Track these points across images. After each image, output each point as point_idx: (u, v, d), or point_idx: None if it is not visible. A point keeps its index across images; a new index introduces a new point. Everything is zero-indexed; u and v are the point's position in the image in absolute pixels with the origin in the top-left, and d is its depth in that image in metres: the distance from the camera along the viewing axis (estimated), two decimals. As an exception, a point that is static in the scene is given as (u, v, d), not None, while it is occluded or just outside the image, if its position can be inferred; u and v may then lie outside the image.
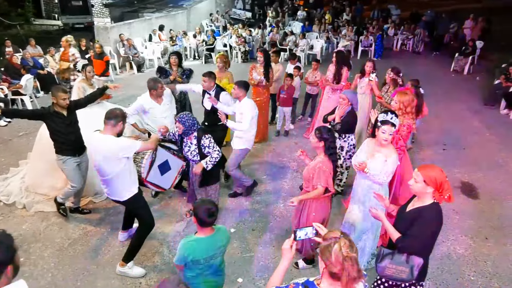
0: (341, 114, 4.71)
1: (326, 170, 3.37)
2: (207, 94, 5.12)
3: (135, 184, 3.66)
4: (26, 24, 19.16)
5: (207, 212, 2.61)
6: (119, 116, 3.48)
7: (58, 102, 4.06)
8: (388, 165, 3.35)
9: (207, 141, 3.93)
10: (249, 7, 21.44)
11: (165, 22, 14.69)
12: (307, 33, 14.26)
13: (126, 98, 9.54)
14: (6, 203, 4.91)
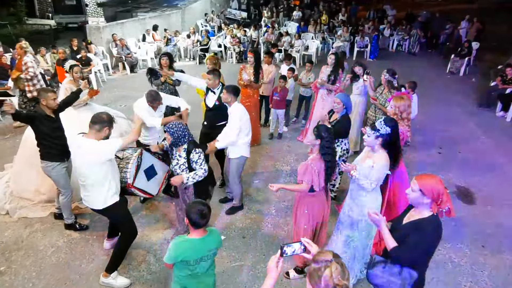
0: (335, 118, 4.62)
1: (314, 168, 3.29)
2: (211, 92, 5.02)
3: (115, 192, 3.50)
4: (19, 24, 18.91)
5: (199, 214, 2.54)
6: (105, 121, 3.34)
7: (48, 104, 3.89)
8: (373, 171, 3.25)
9: (196, 156, 3.60)
10: (245, 7, 21.31)
11: (159, 22, 14.52)
12: (303, 34, 14.14)
13: (118, 98, 9.40)
14: (-4, 211, 4.75)
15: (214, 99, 5.01)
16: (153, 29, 13.74)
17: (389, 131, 3.17)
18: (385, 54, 14.40)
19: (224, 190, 5.25)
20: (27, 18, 20.55)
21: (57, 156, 4.03)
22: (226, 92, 4.38)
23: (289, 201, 5.00)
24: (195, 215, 2.52)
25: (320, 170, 3.31)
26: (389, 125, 3.18)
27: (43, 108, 3.92)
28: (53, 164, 4.01)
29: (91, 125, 3.30)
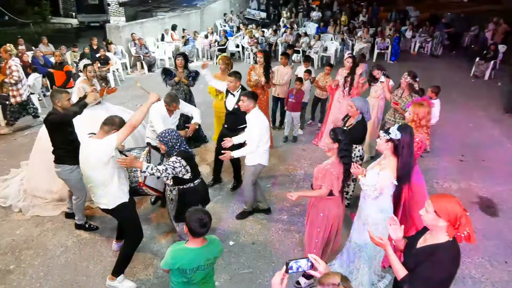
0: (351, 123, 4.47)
1: (334, 173, 3.20)
2: (230, 94, 4.97)
3: (124, 193, 3.47)
4: (43, 22, 19.37)
5: (199, 223, 2.44)
6: (115, 124, 3.32)
7: (63, 105, 3.83)
8: (378, 179, 3.11)
9: (173, 159, 3.32)
10: (264, 7, 21.19)
11: (178, 21, 14.59)
12: (322, 35, 13.93)
13: (134, 97, 9.46)
14: (2, 205, 4.80)
15: (234, 102, 4.94)
16: (172, 29, 13.81)
17: (399, 137, 3.01)
18: (406, 56, 14.03)
19: (235, 193, 5.17)
20: (51, 17, 21.05)
21: (75, 158, 3.87)
22: (247, 99, 4.17)
23: (302, 206, 4.87)
24: (194, 223, 2.43)
25: (339, 174, 3.23)
26: (401, 132, 3.03)
27: (58, 109, 3.86)
28: (72, 167, 3.95)
29: (102, 125, 3.32)
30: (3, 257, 3.97)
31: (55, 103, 3.84)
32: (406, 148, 3.03)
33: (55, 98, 3.84)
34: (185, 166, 3.36)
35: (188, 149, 3.52)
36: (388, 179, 3.07)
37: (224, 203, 4.98)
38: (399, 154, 3.07)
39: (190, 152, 3.52)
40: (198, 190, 3.60)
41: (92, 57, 10.43)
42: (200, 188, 3.66)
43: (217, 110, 6.27)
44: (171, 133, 3.43)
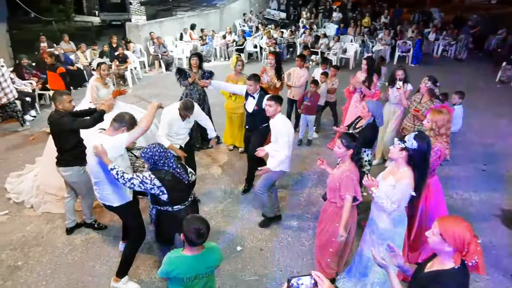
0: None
1: (354, 178, 3.11)
2: (250, 97, 4.99)
3: (129, 191, 3.44)
4: (67, 20, 19.79)
5: (196, 233, 2.36)
6: (124, 121, 3.30)
7: (64, 107, 3.76)
8: (395, 191, 2.96)
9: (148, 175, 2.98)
10: (284, 8, 21.02)
11: (197, 21, 14.62)
12: (342, 36, 13.70)
13: (151, 96, 9.49)
14: (15, 201, 4.85)
15: (253, 104, 4.95)
16: (190, 28, 13.85)
17: (415, 147, 2.86)
18: (428, 59, 13.64)
19: (245, 197, 5.09)
20: (75, 15, 21.48)
21: (83, 159, 3.84)
22: (274, 103, 4.03)
23: (313, 213, 4.74)
24: (191, 234, 2.34)
25: (357, 177, 3.17)
26: (417, 141, 2.87)
27: (60, 111, 3.78)
28: (83, 168, 3.92)
29: (112, 122, 3.31)
30: (13, 252, 4.00)
31: (56, 106, 3.78)
32: (422, 159, 2.88)
33: (57, 101, 3.76)
34: (159, 187, 2.97)
35: (175, 169, 3.08)
36: (406, 191, 2.93)
37: (234, 207, 4.90)
38: (414, 164, 2.92)
39: (169, 174, 3.05)
40: (177, 217, 3.07)
41: (111, 55, 10.55)
42: (182, 215, 3.00)
43: (229, 111, 6.22)
44: (154, 149, 3.05)
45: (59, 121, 3.69)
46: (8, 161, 5.95)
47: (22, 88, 7.90)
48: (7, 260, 3.87)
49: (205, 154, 6.30)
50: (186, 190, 3.18)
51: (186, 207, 3.16)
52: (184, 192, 3.15)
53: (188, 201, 3.20)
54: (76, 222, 4.33)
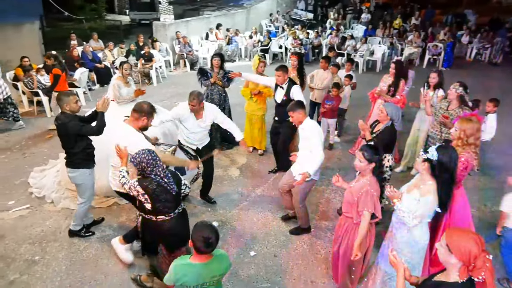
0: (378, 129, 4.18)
1: (375, 193, 2.95)
2: (279, 87, 5.13)
3: None
4: (99, 19, 20.36)
5: (204, 242, 2.31)
6: (144, 111, 3.45)
7: (71, 108, 3.73)
8: (419, 206, 2.80)
9: (134, 182, 2.95)
10: (312, 8, 20.78)
11: (224, 21, 14.67)
12: (369, 38, 13.37)
13: (174, 95, 9.56)
14: (37, 195, 4.97)
15: (282, 94, 5.09)
16: (216, 28, 13.90)
17: (435, 158, 2.72)
18: (460, 63, 13.10)
19: (263, 200, 5.00)
20: (106, 14, 22.04)
21: (91, 161, 3.94)
22: (293, 111, 3.89)
23: (331, 221, 4.60)
24: (199, 242, 2.29)
25: (377, 192, 3.01)
26: (439, 153, 2.73)
27: (67, 112, 3.75)
28: (90, 170, 3.94)
29: (132, 112, 3.46)
30: (31, 246, 4.08)
31: (63, 107, 3.72)
32: (445, 172, 2.72)
33: (63, 102, 3.70)
34: (142, 194, 2.89)
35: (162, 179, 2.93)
36: (430, 207, 2.78)
37: (250, 210, 4.82)
38: (437, 176, 2.77)
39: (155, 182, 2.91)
40: (160, 228, 3.03)
41: (138, 54, 10.71)
42: (166, 227, 3.03)
43: (249, 112, 6.15)
44: (142, 155, 2.89)
45: (66, 125, 3.66)
46: (33, 155, 6.13)
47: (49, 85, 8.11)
48: (25, 254, 3.95)
49: (224, 155, 6.26)
50: (172, 201, 3.02)
51: (171, 219, 3.04)
52: (170, 203, 3.00)
53: (175, 213, 3.06)
54: (84, 225, 4.26)
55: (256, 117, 6.10)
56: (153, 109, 3.53)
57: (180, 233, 3.11)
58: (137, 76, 10.40)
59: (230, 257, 3.91)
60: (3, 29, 10.63)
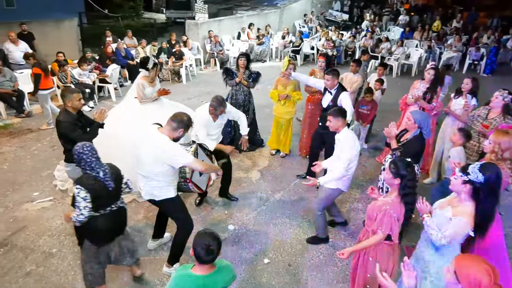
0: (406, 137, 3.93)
1: (393, 215, 2.73)
2: (328, 92, 4.97)
3: (174, 187, 3.45)
4: (137, 17, 20.94)
5: (205, 249, 2.21)
6: (183, 122, 3.25)
7: (73, 105, 3.74)
8: (449, 225, 2.58)
9: (76, 191, 2.83)
10: (348, 9, 20.33)
11: (256, 20, 14.61)
12: (406, 40, 12.86)
13: (202, 94, 9.60)
14: (61, 188, 5.08)
15: (329, 99, 4.94)
16: (248, 27, 13.86)
17: (481, 181, 2.46)
18: (504, 69, 12.33)
19: (281, 206, 4.86)
20: (143, 12, 22.59)
21: None
22: (333, 117, 3.79)
23: (351, 231, 4.40)
24: (200, 249, 2.19)
25: (399, 216, 2.75)
26: (484, 173, 2.46)
27: (69, 109, 3.77)
28: None
29: (170, 121, 3.24)
30: (50, 239, 4.16)
31: (66, 104, 3.75)
32: (491, 194, 2.48)
33: (66, 98, 3.72)
34: (85, 199, 2.77)
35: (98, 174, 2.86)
36: (462, 229, 2.55)
37: (267, 215, 4.70)
38: (479, 199, 2.52)
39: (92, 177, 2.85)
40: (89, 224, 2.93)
41: (169, 52, 10.85)
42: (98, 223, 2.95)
43: (277, 115, 6.02)
44: (84, 146, 2.87)
45: (62, 124, 3.70)
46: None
47: (83, 80, 8.35)
48: (43, 246, 4.03)
49: (246, 156, 6.16)
50: (107, 197, 2.94)
51: (103, 215, 2.95)
52: (104, 199, 2.91)
53: (107, 210, 2.97)
54: None
55: (284, 120, 5.96)
56: (191, 123, 3.37)
57: (107, 230, 3.04)
58: (167, 74, 10.55)
59: (243, 262, 3.87)
60: (44, 24, 11.09)
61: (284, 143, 6.17)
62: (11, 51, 8.37)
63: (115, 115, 5.33)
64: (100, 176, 2.87)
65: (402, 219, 2.77)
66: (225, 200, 4.97)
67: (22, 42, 8.71)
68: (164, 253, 3.94)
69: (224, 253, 4.00)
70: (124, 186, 3.17)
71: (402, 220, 2.78)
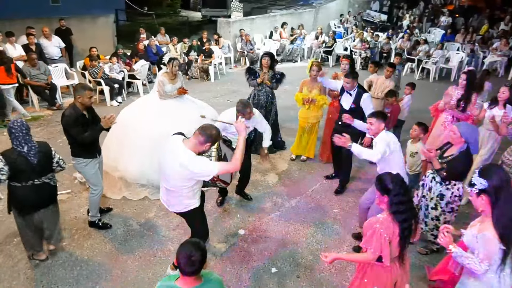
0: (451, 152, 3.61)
1: (384, 235, 2.45)
2: (346, 93, 4.90)
3: (196, 199, 3.29)
4: (174, 15, 21.35)
5: (187, 259, 2.04)
6: (212, 137, 3.00)
7: (83, 101, 3.71)
8: (479, 245, 2.35)
9: None
10: (387, 9, 19.57)
11: (290, 20, 14.38)
12: (447, 43, 12.16)
13: (228, 92, 9.55)
14: (80, 181, 5.15)
15: (350, 101, 4.87)
16: (281, 27, 13.67)
17: (486, 185, 2.30)
18: (556, 77, 11.36)
19: (296, 212, 4.67)
20: (180, 10, 22.97)
21: (90, 153, 3.93)
22: (376, 120, 3.64)
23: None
24: (182, 259, 2.04)
25: (392, 237, 2.47)
26: (485, 177, 2.31)
27: (77, 105, 3.73)
28: (87, 161, 3.93)
29: (197, 133, 2.98)
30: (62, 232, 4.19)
31: (76, 98, 3.73)
32: (503, 196, 2.29)
33: (78, 93, 3.71)
34: (1, 170, 3.14)
35: (22, 149, 3.21)
36: (491, 246, 2.30)
37: (281, 222, 4.51)
38: (494, 205, 2.32)
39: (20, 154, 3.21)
40: (10, 192, 3.35)
41: (199, 49, 10.88)
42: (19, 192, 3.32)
43: (302, 120, 5.79)
44: (10, 123, 3.26)
45: (65, 119, 3.69)
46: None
47: (113, 76, 8.52)
48: (54, 239, 4.07)
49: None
50: (30, 171, 3.26)
51: (24, 187, 3.28)
52: (26, 173, 3.25)
53: (29, 183, 3.28)
54: (99, 217, 4.29)
55: (309, 125, 5.74)
56: (219, 137, 3.18)
57: (28, 200, 3.36)
58: (196, 71, 10.58)
59: (249, 270, 3.72)
60: (82, 21, 11.47)
61: (309, 147, 5.95)
62: (45, 46, 8.68)
63: (135, 109, 5.39)
64: (23, 151, 3.21)
65: (396, 240, 2.46)
66: (238, 204, 4.84)
67: (55, 37, 9.02)
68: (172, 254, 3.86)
69: (231, 258, 3.89)
70: (55, 164, 3.46)
71: (398, 240, 2.46)
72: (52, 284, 3.50)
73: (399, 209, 2.43)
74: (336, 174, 5.48)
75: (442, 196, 3.69)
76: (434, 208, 3.77)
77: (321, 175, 5.56)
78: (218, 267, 3.76)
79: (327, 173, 5.56)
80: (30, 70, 7.52)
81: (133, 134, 4.97)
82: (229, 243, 4.11)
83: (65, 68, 8.73)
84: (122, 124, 5.03)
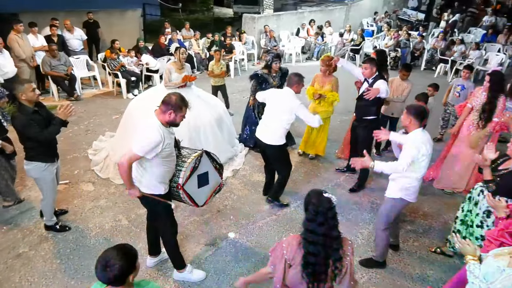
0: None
1: (283, 251, 2.16)
2: (366, 81, 4.69)
3: (160, 182, 3.06)
4: (207, 11, 21.51)
5: (101, 264, 1.79)
6: (170, 104, 2.84)
7: (27, 97, 3.39)
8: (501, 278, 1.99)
9: None
10: (425, 8, 18.59)
11: (319, 17, 13.95)
12: (486, 44, 11.29)
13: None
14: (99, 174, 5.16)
15: (365, 87, 4.64)
16: (309, 24, 13.27)
17: None
18: None
19: (293, 217, 4.37)
20: (213, 6, 23.05)
21: (49, 156, 3.65)
22: (407, 113, 3.23)
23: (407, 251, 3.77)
24: (97, 262, 1.80)
25: (292, 261, 2.12)
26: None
27: (24, 103, 3.42)
28: (45, 165, 3.63)
29: (161, 103, 2.91)
30: (51, 223, 4.15)
31: (19, 97, 3.40)
32: None
33: (18, 91, 3.37)
34: None
35: None
36: None
37: (275, 227, 4.24)
38: None
39: None
40: None
41: (221, 45, 10.73)
42: None
43: None
44: None
45: (16, 121, 3.40)
46: (95, 133, 6.38)
47: (131, 69, 8.54)
48: (42, 229, 4.01)
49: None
50: None
51: None
52: None
53: None
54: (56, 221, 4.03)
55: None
56: (183, 103, 2.93)
57: None
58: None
59: (232, 277, 3.47)
60: (110, 14, 11.63)
61: (318, 143, 5.64)
62: (67, 38, 8.82)
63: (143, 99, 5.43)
64: None
65: (297, 270, 2.10)
66: (235, 204, 4.62)
67: (77, 30, 9.16)
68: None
69: (215, 263, 3.67)
70: None
71: (299, 275, 2.09)
72: (29, 276, 3.44)
73: (307, 238, 2.06)
74: (348, 168, 5.28)
75: (489, 213, 3.23)
76: (479, 226, 3.31)
77: (328, 178, 5.23)
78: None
79: (334, 176, 5.23)
80: (51, 60, 7.67)
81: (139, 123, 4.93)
82: (216, 246, 3.90)
83: (86, 60, 8.86)
84: (129, 113, 5.24)
